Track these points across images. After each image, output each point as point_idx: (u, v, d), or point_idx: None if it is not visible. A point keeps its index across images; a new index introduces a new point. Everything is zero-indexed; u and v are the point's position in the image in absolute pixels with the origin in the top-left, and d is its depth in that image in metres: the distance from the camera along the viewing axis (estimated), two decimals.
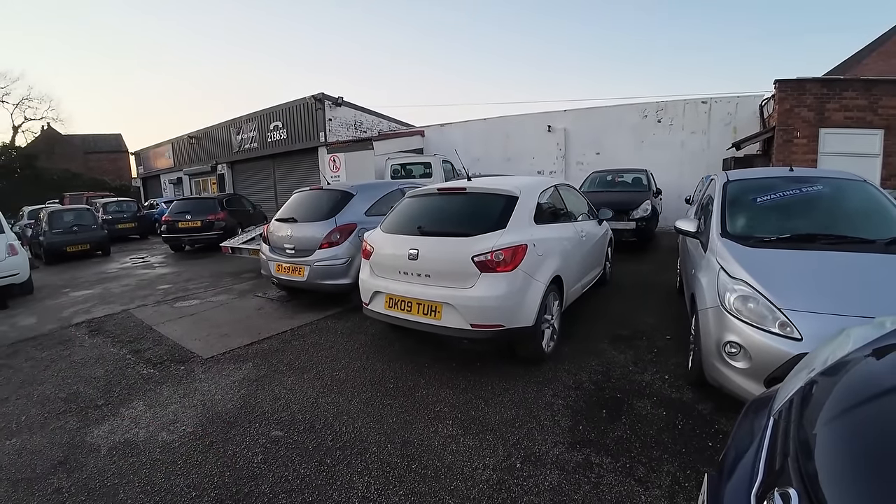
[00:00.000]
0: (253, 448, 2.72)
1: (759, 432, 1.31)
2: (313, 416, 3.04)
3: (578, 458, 2.45)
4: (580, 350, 3.89)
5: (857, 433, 1.02)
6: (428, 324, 3.42)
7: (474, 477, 2.36)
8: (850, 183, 3.71)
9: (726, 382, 2.61)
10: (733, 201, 3.68)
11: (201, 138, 21.11)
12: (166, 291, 7.10)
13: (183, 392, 3.52)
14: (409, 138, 15.56)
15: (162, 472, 2.54)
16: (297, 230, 5.48)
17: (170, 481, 2.44)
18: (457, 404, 3.09)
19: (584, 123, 13.29)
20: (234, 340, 4.61)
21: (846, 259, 2.79)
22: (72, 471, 2.58)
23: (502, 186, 3.81)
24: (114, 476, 2.52)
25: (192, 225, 11.18)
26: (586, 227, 4.79)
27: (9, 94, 35.39)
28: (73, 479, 2.51)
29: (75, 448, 2.82)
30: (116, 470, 2.57)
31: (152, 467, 2.58)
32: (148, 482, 2.45)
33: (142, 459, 2.66)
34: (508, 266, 3.24)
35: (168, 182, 24.83)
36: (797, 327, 2.35)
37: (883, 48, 13.74)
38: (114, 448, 2.79)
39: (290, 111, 16.20)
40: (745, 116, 11.34)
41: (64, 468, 2.61)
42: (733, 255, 2.98)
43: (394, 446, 2.65)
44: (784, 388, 1.44)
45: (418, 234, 3.67)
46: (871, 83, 8.71)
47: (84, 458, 2.71)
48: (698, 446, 2.50)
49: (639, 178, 9.71)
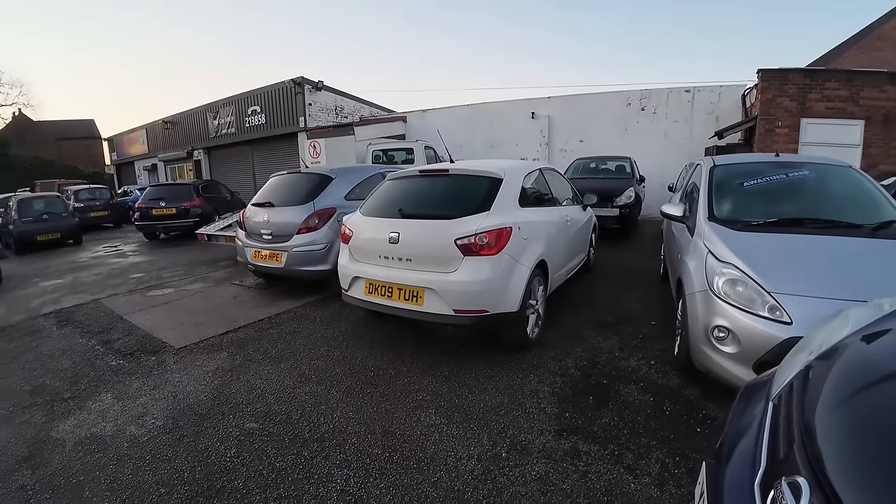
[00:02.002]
0: (226, 441, 2.61)
1: (757, 418, 1.24)
2: (290, 407, 2.92)
3: (566, 447, 2.39)
4: (565, 336, 3.83)
5: (865, 419, 0.96)
6: (409, 310, 3.31)
7: (458, 467, 2.27)
8: (835, 169, 3.70)
9: (714, 367, 2.57)
10: (720, 186, 3.64)
11: (176, 123, 20.47)
12: (139, 280, 6.85)
13: (153, 384, 3.37)
14: (391, 124, 15.27)
15: (129, 467, 2.42)
16: (274, 215, 5.29)
17: (137, 477, 2.34)
18: (440, 392, 3.00)
19: (568, 111, 13.21)
20: (209, 329, 4.44)
21: (834, 243, 2.76)
22: (37, 467, 2.48)
23: (487, 168, 3.70)
24: (79, 472, 2.41)
25: (166, 212, 10.82)
26: (571, 212, 4.72)
27: None
28: (38, 475, 2.40)
29: (40, 443, 2.71)
30: (82, 466, 2.46)
31: (119, 463, 2.47)
32: (115, 479, 2.34)
33: (108, 455, 2.55)
34: (492, 249, 3.13)
35: (142, 169, 24.04)
36: (787, 311, 2.31)
37: (864, 41, 13.90)
38: (80, 443, 2.68)
39: (268, 95, 15.77)
40: (728, 106, 11.40)
41: (29, 464, 2.50)
42: (721, 238, 2.93)
43: (374, 437, 2.55)
44: (781, 371, 1.37)
45: (399, 216, 3.54)
46: (853, 74, 8.78)
47: (49, 453, 2.60)
48: (686, 432, 2.45)
49: (622, 165, 9.69)
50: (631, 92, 12.45)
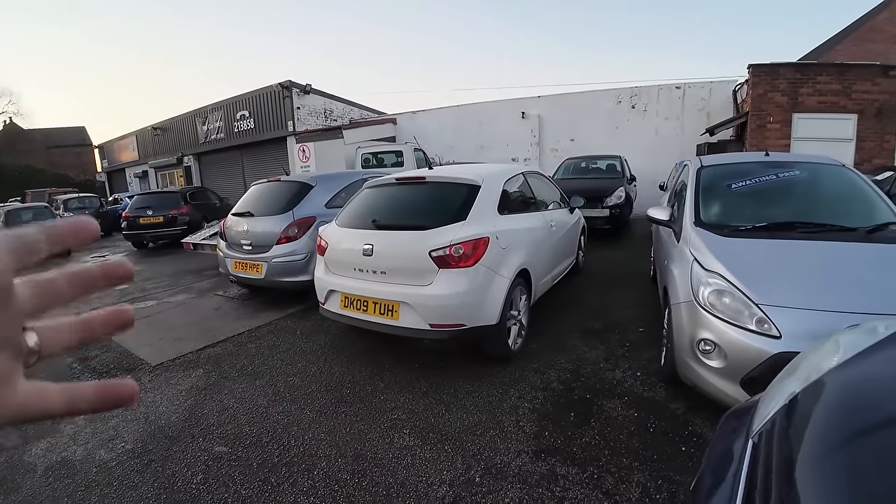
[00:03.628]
0: (193, 467, 2.51)
1: (735, 458, 1.12)
2: (261, 429, 2.80)
3: (543, 470, 2.26)
4: (550, 346, 3.70)
5: (850, 479, 0.82)
6: (385, 324, 3.19)
7: (429, 494, 2.15)
8: (828, 168, 3.58)
9: (700, 382, 2.45)
10: (707, 188, 3.52)
11: (166, 129, 20.28)
12: (123, 292, 6.71)
13: None
14: (381, 126, 15.13)
15: (96, 494, 2.36)
16: (253, 225, 5.17)
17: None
18: (416, 410, 2.88)
19: (558, 110, 13.10)
20: (187, 345, 4.32)
21: (826, 249, 2.64)
22: (8, 493, 2.44)
23: (464, 175, 3.57)
24: (47, 499, 2.37)
25: (153, 220, 10.64)
26: (556, 216, 4.59)
27: None
28: (9, 501, 2.37)
29: (13, 468, 2.65)
30: (51, 492, 2.41)
31: (87, 489, 2.40)
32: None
33: (77, 480, 2.48)
34: (468, 261, 3.01)
35: (133, 176, 23.82)
36: (775, 324, 2.18)
37: (856, 34, 13.80)
38: (50, 468, 2.62)
39: (256, 100, 15.60)
40: (719, 102, 11.31)
41: (1, 490, 2.46)
42: (707, 245, 2.81)
43: (345, 461, 2.44)
44: (764, 402, 1.25)
45: (373, 227, 3.42)
46: (844, 68, 8.70)
47: (21, 478, 2.54)
48: (671, 452, 2.33)
49: (613, 164, 9.58)
50: (621, 89, 12.35)
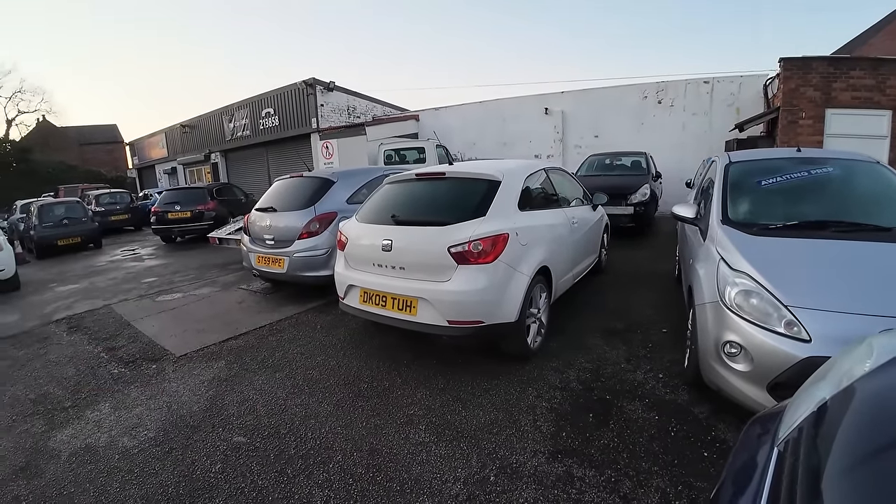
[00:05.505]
0: (213, 456, 2.56)
1: (759, 467, 1.07)
2: (279, 421, 2.85)
3: (559, 471, 2.23)
4: (570, 345, 3.65)
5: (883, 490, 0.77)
6: (403, 320, 3.19)
7: (443, 491, 2.14)
8: (862, 164, 3.42)
9: (725, 386, 2.37)
10: (736, 185, 3.40)
11: (194, 127, 20.76)
12: (150, 285, 6.93)
13: (150, 393, 3.37)
14: (403, 123, 15.14)
15: (118, 480, 2.42)
16: (276, 220, 5.25)
17: (124, 491, 2.33)
18: (432, 407, 2.87)
19: (582, 105, 12.86)
20: (210, 336, 4.42)
21: (860, 249, 2.51)
22: (31, 477, 2.50)
23: (485, 171, 3.54)
24: (70, 484, 2.42)
25: (181, 216, 10.98)
26: (578, 213, 4.51)
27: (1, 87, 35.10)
28: (32, 486, 2.42)
29: (37, 453, 2.72)
30: (74, 477, 2.48)
31: (109, 475, 2.47)
32: (102, 492, 2.33)
33: (100, 466, 2.55)
34: (488, 257, 2.98)
35: (163, 172, 24.51)
36: (805, 327, 2.09)
37: (890, 27, 13.20)
38: (74, 454, 2.70)
39: (281, 97, 15.82)
40: (749, 97, 10.92)
41: (24, 474, 2.53)
42: (735, 244, 2.72)
43: (360, 455, 2.45)
44: (792, 409, 1.19)
45: (393, 223, 3.42)
46: (879, 62, 8.30)
47: (45, 463, 2.61)
48: (692, 457, 2.26)
49: (638, 161, 9.37)
50: (647, 84, 12.04)
